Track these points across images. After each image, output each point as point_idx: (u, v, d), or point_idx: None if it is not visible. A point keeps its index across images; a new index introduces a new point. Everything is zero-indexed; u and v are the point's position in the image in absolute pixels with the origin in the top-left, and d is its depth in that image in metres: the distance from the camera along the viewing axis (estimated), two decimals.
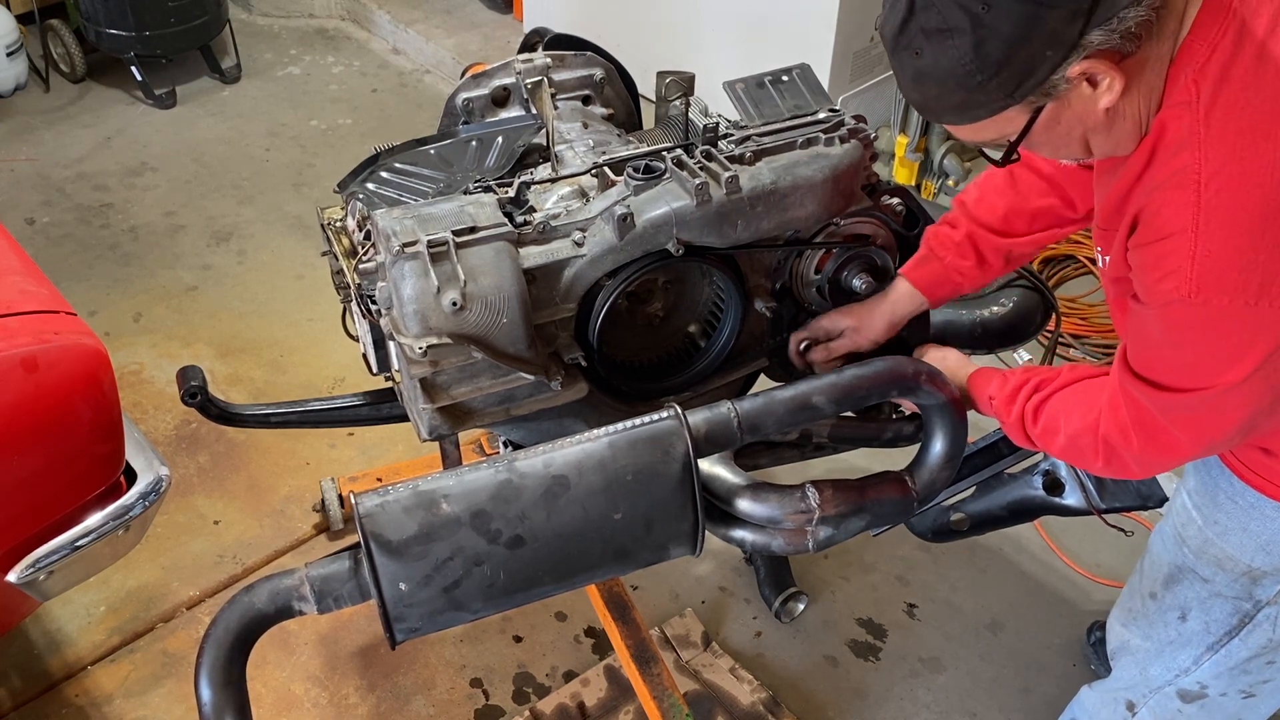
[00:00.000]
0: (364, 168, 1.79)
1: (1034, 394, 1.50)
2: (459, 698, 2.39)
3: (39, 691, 2.35)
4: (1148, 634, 1.70)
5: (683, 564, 2.62)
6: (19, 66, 4.21)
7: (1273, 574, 1.50)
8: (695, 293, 1.81)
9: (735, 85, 1.77)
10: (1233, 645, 1.59)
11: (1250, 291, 1.15)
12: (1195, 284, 1.17)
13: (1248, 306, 1.16)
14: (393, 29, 4.79)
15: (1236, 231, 1.14)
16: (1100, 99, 1.18)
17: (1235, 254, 1.15)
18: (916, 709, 2.41)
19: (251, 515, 2.75)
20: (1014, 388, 1.53)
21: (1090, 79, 1.16)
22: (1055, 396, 1.48)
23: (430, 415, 1.59)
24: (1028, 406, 1.50)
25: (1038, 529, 2.75)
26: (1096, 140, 1.26)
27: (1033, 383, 1.51)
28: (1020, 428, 1.52)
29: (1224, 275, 1.16)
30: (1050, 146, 1.29)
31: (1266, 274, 1.14)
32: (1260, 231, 1.14)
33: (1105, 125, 1.23)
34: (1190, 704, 1.70)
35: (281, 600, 1.33)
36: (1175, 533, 1.62)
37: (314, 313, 3.34)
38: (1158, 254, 1.21)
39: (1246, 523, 1.50)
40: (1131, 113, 1.22)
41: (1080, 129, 1.24)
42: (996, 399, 1.55)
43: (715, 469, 1.53)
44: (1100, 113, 1.20)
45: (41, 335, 1.69)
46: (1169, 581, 1.64)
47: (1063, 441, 1.46)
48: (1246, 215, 1.14)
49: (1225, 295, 1.16)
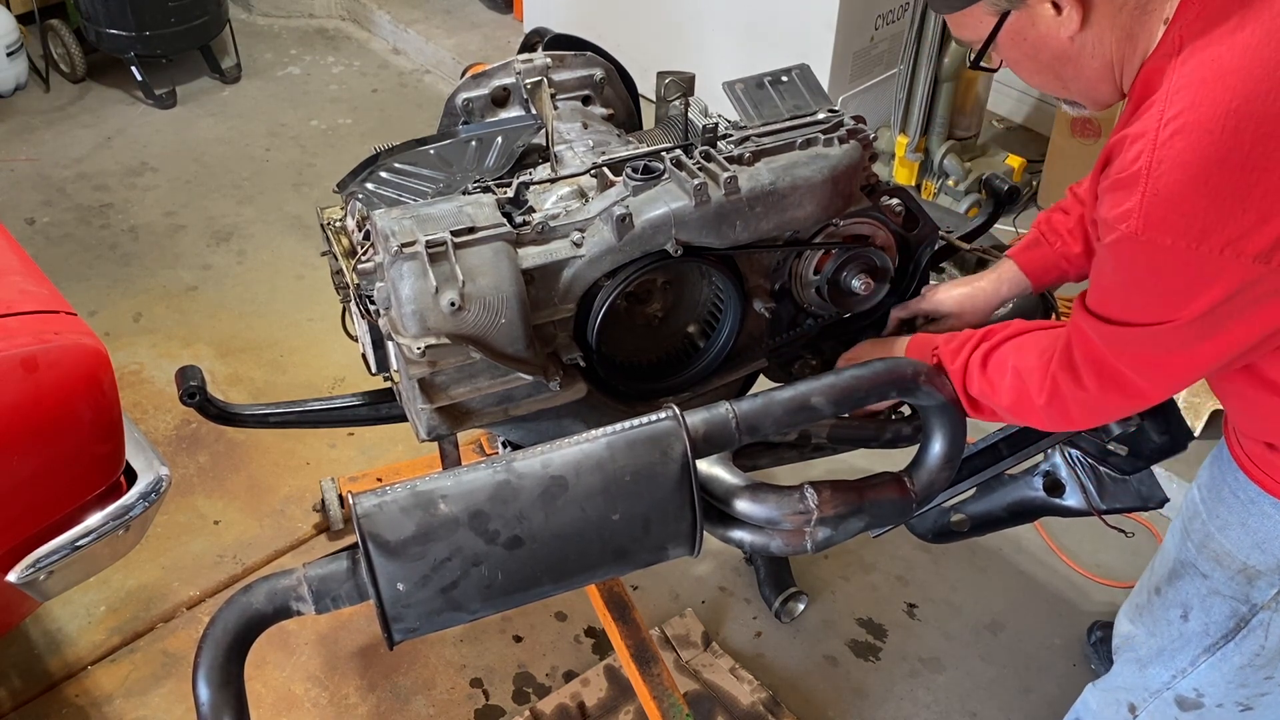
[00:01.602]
0: (363, 168, 1.79)
1: (983, 341, 1.51)
2: (459, 698, 2.39)
3: (39, 691, 2.35)
4: (1152, 630, 1.71)
5: (683, 564, 2.62)
6: (19, 66, 4.21)
7: (1267, 574, 1.50)
8: (694, 293, 1.81)
9: (735, 85, 1.77)
10: (1228, 649, 1.59)
11: (1193, 234, 1.17)
12: (1143, 221, 1.19)
13: (1190, 249, 1.18)
14: (393, 29, 4.79)
15: (1184, 175, 1.17)
16: (1063, 26, 1.26)
17: (1180, 197, 1.17)
18: (916, 709, 2.41)
19: (251, 515, 2.75)
20: (964, 338, 1.54)
21: (1054, 2, 1.25)
22: (1008, 344, 1.49)
23: (429, 415, 1.60)
24: (975, 356, 1.50)
25: (1038, 529, 2.75)
26: (1067, 73, 1.33)
27: (980, 333, 1.52)
28: (962, 377, 1.51)
29: (1168, 216, 1.18)
30: (1025, 67, 1.37)
31: (1208, 220, 1.17)
32: (1204, 177, 1.16)
33: (1071, 55, 1.30)
34: (1188, 712, 1.69)
35: (279, 600, 1.33)
36: (1183, 526, 1.63)
37: (314, 313, 3.34)
38: (1114, 190, 1.23)
39: (1245, 518, 1.50)
40: (1100, 52, 1.28)
41: (1047, 54, 1.31)
42: (942, 348, 1.56)
43: (714, 470, 1.52)
44: (1064, 40, 1.28)
45: (41, 335, 1.69)
46: (1172, 576, 1.65)
47: (1010, 382, 1.46)
48: (1195, 160, 1.16)
49: (1169, 235, 1.18)
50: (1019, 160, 3.65)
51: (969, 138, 3.65)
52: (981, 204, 3.26)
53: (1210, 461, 1.60)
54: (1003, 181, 1.95)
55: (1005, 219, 2.64)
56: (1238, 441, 1.51)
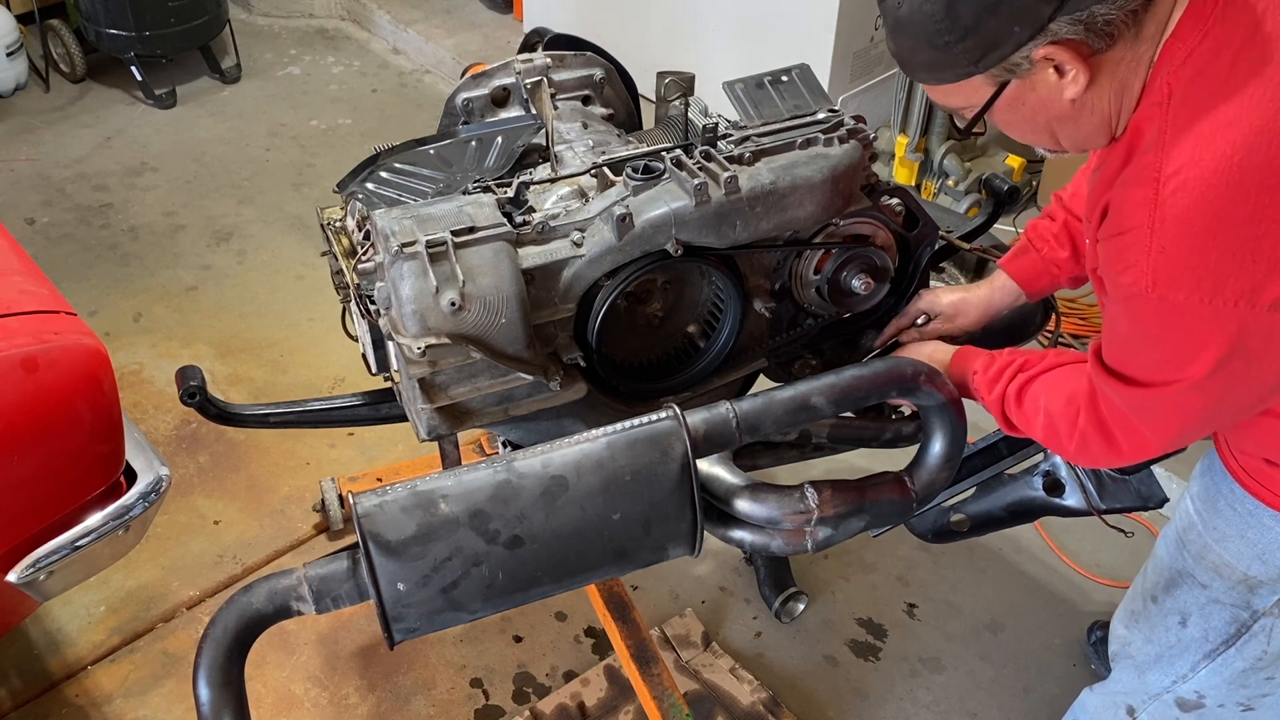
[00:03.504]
0: (364, 168, 1.79)
1: (1019, 373, 1.52)
2: (459, 698, 2.39)
3: (39, 691, 2.35)
4: (1149, 637, 1.70)
5: (683, 564, 2.62)
6: (19, 66, 4.21)
7: (1269, 583, 1.50)
8: (694, 293, 1.81)
9: (735, 85, 1.77)
10: (1229, 654, 1.59)
11: (1205, 289, 1.17)
12: (1152, 278, 1.19)
13: (1203, 303, 1.17)
14: (393, 29, 4.79)
15: (1191, 231, 1.16)
16: (1066, 89, 1.22)
17: (1188, 253, 1.16)
18: (916, 709, 2.41)
19: (251, 515, 2.75)
20: (1000, 367, 1.55)
21: (1057, 67, 1.20)
22: (1040, 380, 1.50)
23: (429, 415, 1.60)
24: (1010, 388, 1.52)
25: (1038, 529, 2.75)
26: (1064, 131, 1.30)
27: (1017, 363, 1.53)
28: (1000, 406, 1.54)
29: (1178, 272, 1.17)
30: (1018, 129, 1.33)
31: (1219, 274, 1.16)
32: (1213, 232, 1.15)
33: (1071, 116, 1.26)
34: (1189, 713, 1.69)
35: (280, 600, 1.33)
36: (1177, 536, 1.63)
37: (314, 313, 3.34)
38: (1119, 248, 1.23)
39: (1244, 530, 1.50)
40: (1100, 108, 1.25)
41: (1045, 116, 1.27)
42: (979, 375, 1.57)
43: (714, 469, 1.53)
44: (1066, 103, 1.24)
45: (41, 335, 1.69)
46: (1169, 585, 1.64)
47: (1043, 422, 1.48)
48: (1201, 215, 1.15)
49: (1180, 291, 1.18)
50: (1019, 160, 3.65)
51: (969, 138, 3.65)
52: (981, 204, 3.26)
53: (1202, 472, 1.59)
54: (1003, 181, 1.96)
55: (1005, 219, 2.64)
56: (1233, 455, 1.50)
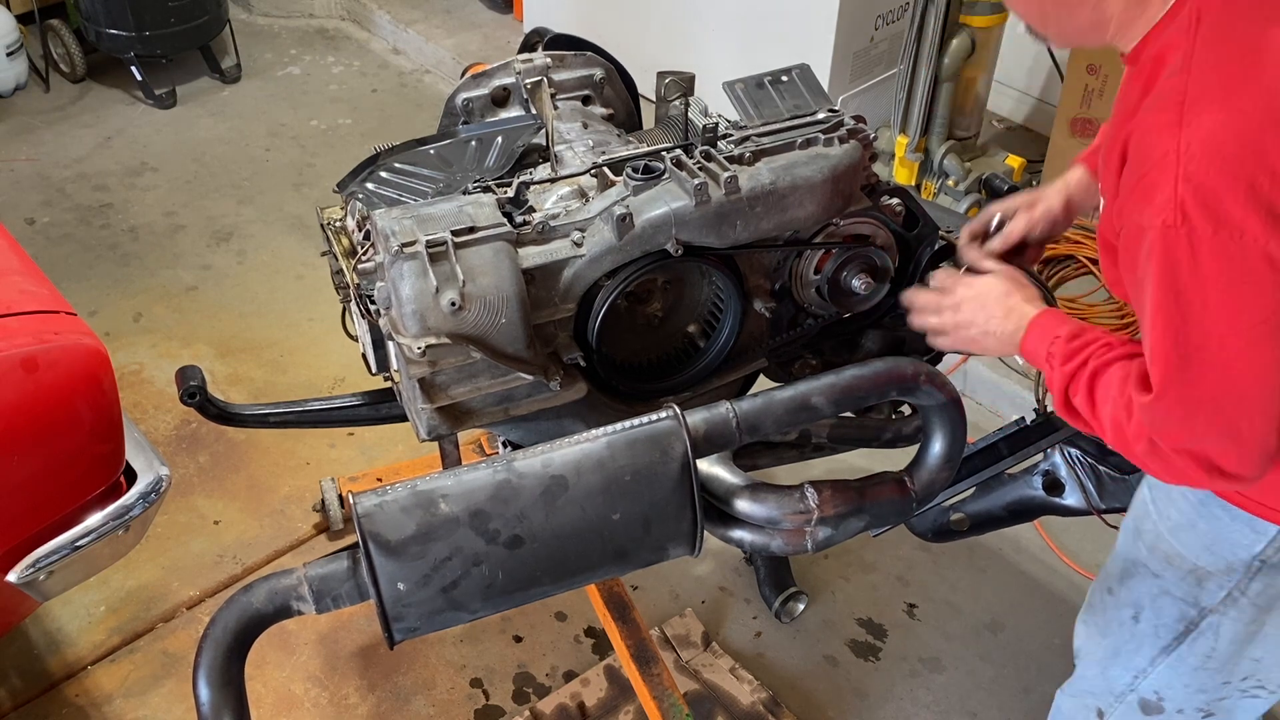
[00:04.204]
0: (364, 168, 1.79)
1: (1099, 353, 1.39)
2: (459, 698, 2.39)
3: (39, 691, 2.35)
4: (1104, 630, 1.69)
5: (683, 564, 2.62)
6: (19, 66, 4.21)
7: (1217, 575, 1.49)
8: (694, 293, 1.81)
9: (735, 85, 1.77)
10: (1181, 650, 1.57)
11: (1234, 222, 1.13)
12: (1180, 210, 1.14)
13: (1233, 238, 1.14)
14: (393, 29, 4.79)
15: (1221, 161, 1.13)
16: None
17: (1218, 184, 1.13)
18: (916, 709, 2.41)
19: (251, 515, 2.75)
20: (1083, 343, 1.41)
21: None
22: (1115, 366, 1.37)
23: (429, 415, 1.60)
24: (1085, 370, 1.39)
25: (1038, 529, 2.74)
26: (1055, 11, 1.30)
27: (1099, 344, 1.40)
28: (1066, 382, 1.41)
29: (1207, 202, 1.14)
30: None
31: (1249, 205, 1.12)
32: (1240, 161, 1.12)
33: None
34: (1151, 717, 1.69)
35: (280, 600, 1.33)
36: (1134, 526, 1.61)
37: (314, 313, 3.34)
38: (1144, 189, 1.19)
39: (1195, 519, 1.48)
40: (1101, 4, 1.25)
41: None
42: (1059, 347, 1.43)
43: (714, 469, 1.53)
44: None
45: (41, 335, 1.69)
46: (1124, 576, 1.63)
47: (1110, 412, 1.36)
48: (1233, 146, 1.13)
49: (1210, 224, 1.14)
50: (1019, 160, 3.65)
51: (969, 138, 3.65)
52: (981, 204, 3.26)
53: None
54: (1003, 181, 1.95)
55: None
56: None
